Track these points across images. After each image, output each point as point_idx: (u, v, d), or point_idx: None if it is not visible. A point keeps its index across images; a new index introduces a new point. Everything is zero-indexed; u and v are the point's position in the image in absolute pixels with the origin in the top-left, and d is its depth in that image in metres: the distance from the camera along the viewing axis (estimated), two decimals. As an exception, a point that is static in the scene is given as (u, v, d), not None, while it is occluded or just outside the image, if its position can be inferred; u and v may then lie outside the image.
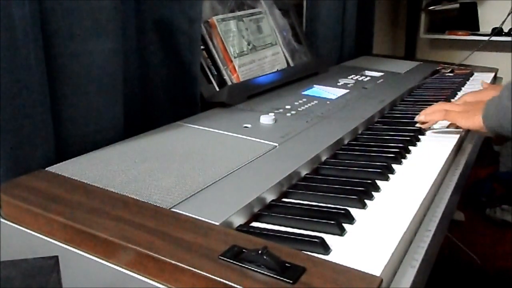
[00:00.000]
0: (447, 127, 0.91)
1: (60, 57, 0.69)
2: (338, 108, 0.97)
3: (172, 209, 0.53)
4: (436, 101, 1.09)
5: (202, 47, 0.99)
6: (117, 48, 0.76)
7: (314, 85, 1.14)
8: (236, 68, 1.07)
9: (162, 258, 0.44)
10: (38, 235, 0.52)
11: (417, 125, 0.91)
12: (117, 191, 0.57)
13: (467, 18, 2.56)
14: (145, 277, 0.45)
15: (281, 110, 0.92)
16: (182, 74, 0.91)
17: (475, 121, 0.81)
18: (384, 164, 0.71)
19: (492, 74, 1.51)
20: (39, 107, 0.65)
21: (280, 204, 0.60)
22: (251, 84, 1.05)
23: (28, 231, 0.52)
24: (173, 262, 0.43)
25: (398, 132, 0.87)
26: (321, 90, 1.11)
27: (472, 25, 2.54)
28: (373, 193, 0.63)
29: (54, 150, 0.69)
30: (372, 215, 0.58)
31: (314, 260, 0.45)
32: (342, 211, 0.56)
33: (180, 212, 0.53)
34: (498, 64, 1.70)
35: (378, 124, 0.94)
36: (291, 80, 1.17)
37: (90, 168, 0.63)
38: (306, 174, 0.69)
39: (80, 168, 0.63)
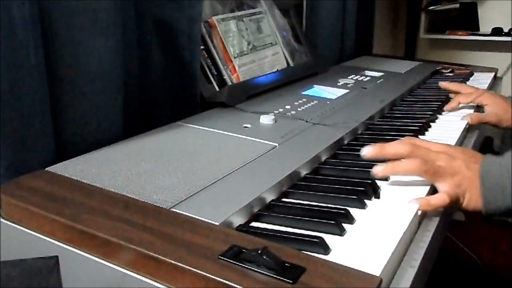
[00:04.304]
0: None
1: (60, 57, 0.69)
2: (338, 108, 0.97)
3: (172, 209, 0.53)
4: (436, 101, 1.10)
5: (202, 47, 0.99)
6: (117, 48, 0.76)
7: (314, 85, 1.14)
8: (236, 68, 1.07)
9: (162, 258, 0.44)
10: (38, 235, 0.51)
11: (373, 170, 0.65)
12: (117, 191, 0.57)
13: (467, 18, 2.56)
14: (145, 277, 0.45)
15: (281, 110, 0.92)
16: (182, 74, 0.91)
17: (471, 201, 0.63)
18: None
19: (492, 74, 1.50)
20: (39, 107, 0.65)
21: (280, 204, 0.60)
22: (251, 84, 1.05)
23: (28, 231, 0.52)
24: (173, 262, 0.43)
25: (398, 132, 0.87)
26: (321, 90, 1.11)
27: (472, 25, 2.54)
28: (373, 193, 0.63)
29: (54, 150, 0.69)
30: (372, 215, 0.58)
31: (314, 260, 0.45)
32: (342, 211, 0.56)
33: (180, 212, 0.53)
34: (498, 64, 1.70)
35: (378, 124, 0.95)
36: (291, 80, 1.17)
37: (90, 168, 0.63)
38: (306, 174, 0.69)
39: (80, 168, 0.63)
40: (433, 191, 0.67)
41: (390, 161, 0.66)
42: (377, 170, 0.65)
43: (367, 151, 0.67)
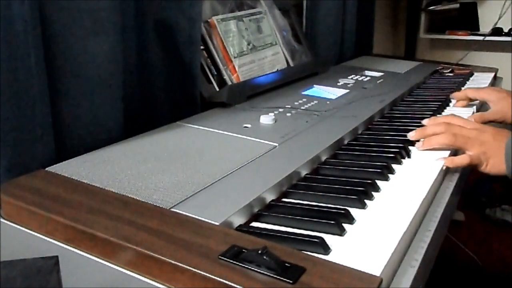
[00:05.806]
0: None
1: (60, 57, 0.69)
2: (338, 108, 0.97)
3: (172, 209, 0.53)
4: (436, 101, 1.10)
5: (202, 47, 0.99)
6: (117, 48, 0.76)
7: (314, 85, 1.14)
8: (236, 68, 1.07)
9: (162, 258, 0.44)
10: (38, 235, 0.52)
11: (416, 146, 0.80)
12: (117, 191, 0.57)
13: (467, 18, 2.56)
14: (145, 277, 0.45)
15: (281, 110, 0.92)
16: (182, 74, 0.91)
17: (494, 166, 0.74)
18: (384, 164, 0.71)
19: (492, 74, 1.50)
20: (39, 107, 0.65)
21: (280, 204, 0.60)
22: (251, 84, 1.05)
23: (28, 231, 0.52)
24: (173, 262, 0.43)
25: (398, 132, 0.87)
26: (321, 90, 1.11)
27: (472, 25, 2.54)
28: (373, 193, 0.63)
29: (54, 150, 0.69)
30: (372, 215, 0.58)
31: (314, 260, 0.45)
32: (342, 211, 0.56)
33: (180, 212, 0.53)
34: (498, 64, 1.70)
35: (378, 124, 0.95)
36: (291, 80, 1.17)
37: (90, 168, 0.63)
38: (306, 174, 0.69)
39: (80, 168, 0.63)
40: (434, 189, 0.67)
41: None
42: (417, 144, 0.80)
43: (412, 135, 0.81)
